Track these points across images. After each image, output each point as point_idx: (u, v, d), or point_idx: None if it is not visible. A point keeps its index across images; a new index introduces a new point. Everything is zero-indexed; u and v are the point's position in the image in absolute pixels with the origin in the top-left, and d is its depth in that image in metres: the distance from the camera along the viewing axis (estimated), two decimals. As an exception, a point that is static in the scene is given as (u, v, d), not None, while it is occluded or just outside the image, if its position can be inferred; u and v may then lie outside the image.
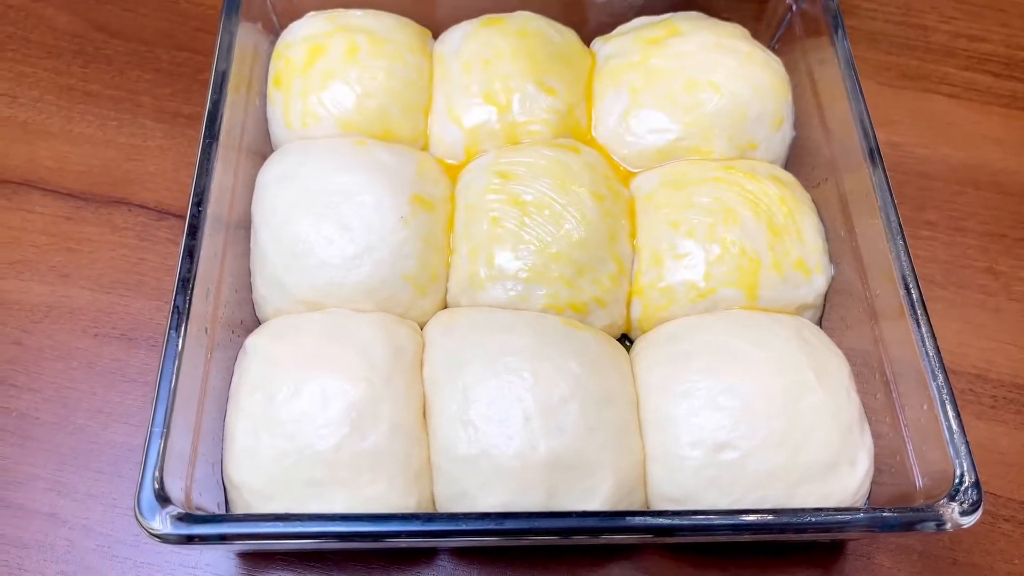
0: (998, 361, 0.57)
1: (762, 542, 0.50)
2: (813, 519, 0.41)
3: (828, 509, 0.42)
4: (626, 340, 0.53)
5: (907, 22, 0.73)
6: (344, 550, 0.49)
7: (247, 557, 0.49)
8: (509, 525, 0.40)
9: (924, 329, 0.45)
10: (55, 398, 0.53)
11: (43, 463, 0.51)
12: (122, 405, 0.53)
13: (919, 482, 0.44)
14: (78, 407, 0.53)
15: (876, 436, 0.47)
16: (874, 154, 0.51)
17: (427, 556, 0.49)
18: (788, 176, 0.55)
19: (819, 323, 0.53)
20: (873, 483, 0.47)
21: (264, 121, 0.57)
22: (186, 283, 0.45)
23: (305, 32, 0.57)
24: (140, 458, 0.47)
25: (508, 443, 0.43)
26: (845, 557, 0.51)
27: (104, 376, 0.54)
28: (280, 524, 0.39)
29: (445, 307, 0.52)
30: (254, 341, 0.48)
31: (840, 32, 0.56)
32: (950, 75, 0.70)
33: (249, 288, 0.51)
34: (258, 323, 0.51)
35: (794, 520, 0.41)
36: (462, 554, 0.49)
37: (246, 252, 0.52)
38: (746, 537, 0.46)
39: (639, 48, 0.57)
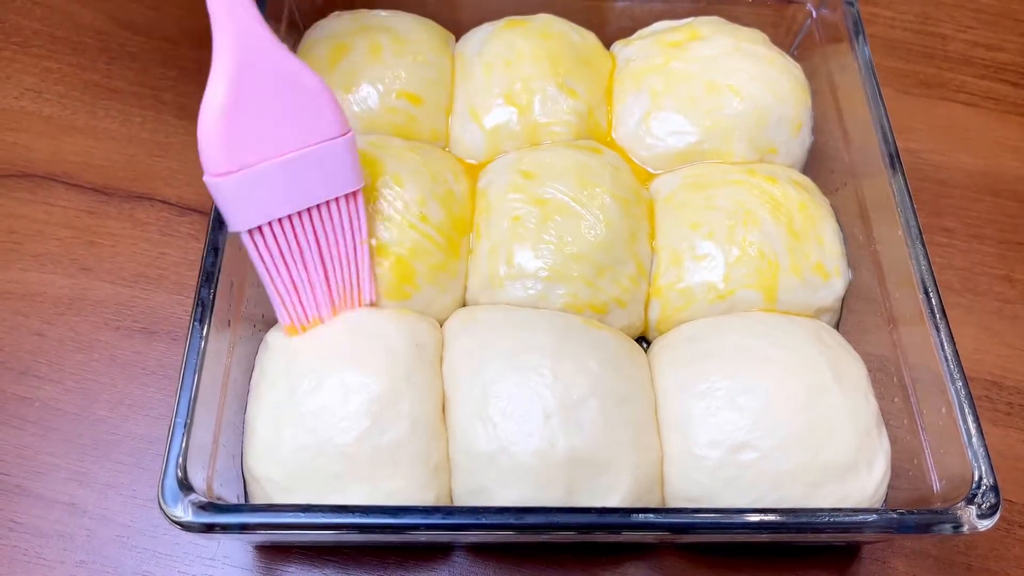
0: (1014, 368, 0.57)
1: (777, 545, 0.50)
2: (831, 519, 0.41)
3: (846, 509, 0.42)
4: (643, 342, 0.54)
5: (925, 31, 0.73)
6: (361, 544, 0.49)
7: (264, 550, 0.49)
8: (529, 520, 0.40)
9: (943, 333, 0.46)
10: (76, 389, 0.53)
11: (64, 453, 0.51)
12: (142, 397, 0.53)
13: (936, 485, 0.44)
14: (99, 398, 0.53)
15: (893, 440, 0.47)
16: (894, 159, 0.51)
17: (443, 552, 0.50)
18: (807, 180, 0.56)
19: (837, 327, 0.53)
20: (890, 487, 0.47)
21: (286, 119, 0.58)
22: (210, 276, 0.45)
23: (329, 31, 0.58)
24: (159, 450, 0.48)
25: (527, 440, 0.44)
26: (860, 561, 0.51)
27: (125, 368, 0.54)
28: (300, 514, 0.40)
29: (464, 305, 0.52)
30: (276, 335, 0.48)
31: (861, 38, 0.56)
32: (967, 83, 0.70)
33: (270, 283, 0.52)
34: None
35: (812, 520, 0.41)
36: (478, 551, 0.50)
37: (268, 247, 0.52)
38: (764, 537, 0.46)
39: (660, 51, 0.58)
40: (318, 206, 0.44)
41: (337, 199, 0.44)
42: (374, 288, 0.48)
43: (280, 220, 0.43)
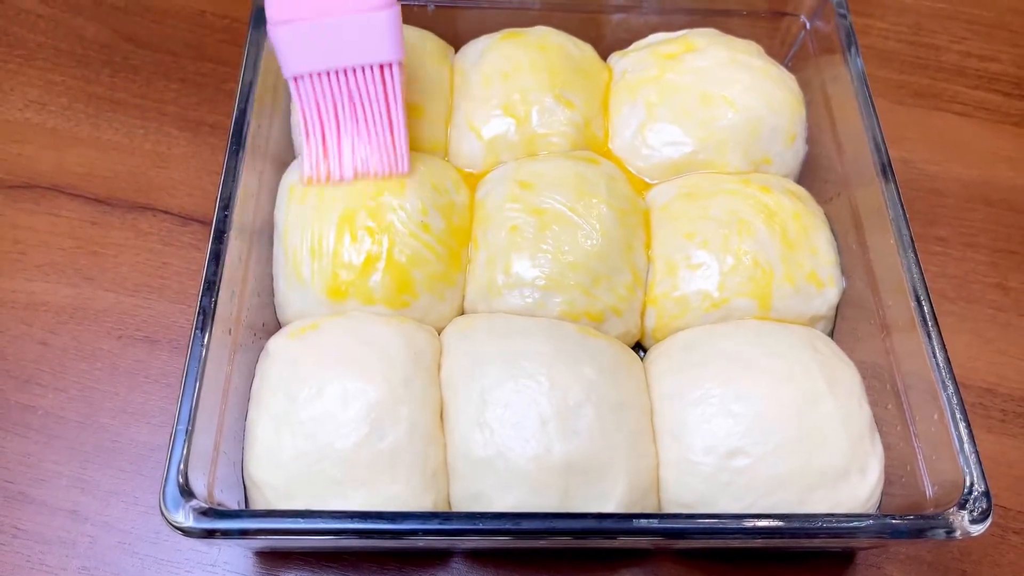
0: (1008, 375, 0.58)
1: (772, 551, 0.51)
2: (824, 524, 0.41)
3: (839, 515, 0.43)
4: (640, 350, 0.54)
5: (919, 42, 0.74)
6: (360, 550, 0.50)
7: (265, 556, 0.50)
8: (526, 525, 0.40)
9: (935, 340, 0.46)
10: (79, 397, 0.54)
11: (66, 460, 0.52)
12: (144, 405, 0.54)
13: (929, 491, 0.45)
14: (101, 406, 0.54)
15: (887, 447, 0.48)
16: (886, 169, 0.52)
17: (441, 558, 0.50)
18: (801, 190, 0.56)
19: (830, 335, 0.54)
20: (884, 494, 0.47)
21: (287, 130, 0.58)
22: (212, 285, 0.46)
23: (329, 44, 0.58)
24: (161, 457, 0.48)
25: (524, 446, 0.44)
26: (855, 567, 0.51)
27: (127, 377, 0.55)
28: (300, 520, 0.40)
29: (462, 313, 0.53)
30: (276, 343, 0.49)
31: (853, 50, 0.57)
32: (961, 94, 0.71)
33: (271, 292, 0.53)
34: (279, 326, 0.52)
35: (806, 525, 0.41)
36: (476, 557, 0.50)
37: (268, 257, 0.53)
38: (758, 542, 0.46)
39: (655, 63, 0.59)
40: (358, 69, 0.48)
41: (375, 67, 0.48)
42: (407, 160, 0.51)
43: (323, 74, 0.48)
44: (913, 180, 0.66)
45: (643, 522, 0.41)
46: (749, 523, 0.41)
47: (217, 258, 0.47)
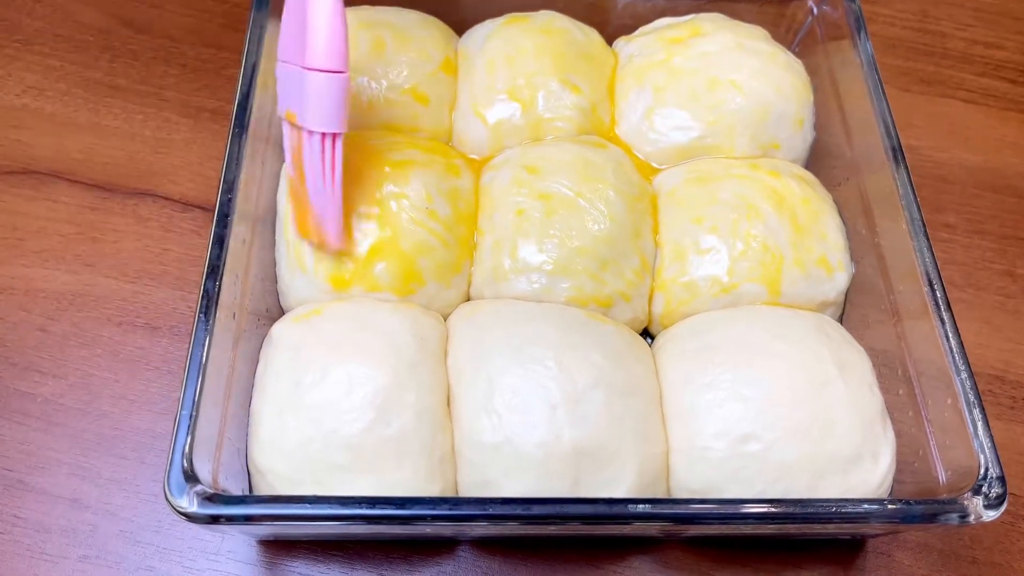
0: (1017, 362, 0.57)
1: (782, 538, 0.50)
2: (838, 509, 0.41)
3: (852, 500, 0.42)
4: (647, 337, 0.54)
5: (924, 29, 0.73)
6: (366, 538, 0.49)
7: (268, 544, 0.49)
8: (536, 510, 0.40)
9: (948, 325, 0.46)
10: (79, 385, 0.53)
11: (67, 448, 0.51)
12: (145, 393, 0.53)
13: (942, 477, 0.44)
14: (102, 394, 0.53)
15: (898, 434, 0.47)
16: (897, 153, 0.51)
17: (448, 547, 0.49)
18: (810, 175, 0.56)
19: (840, 321, 0.53)
20: (895, 481, 0.47)
21: (290, 115, 0.58)
22: (215, 269, 0.45)
23: (332, 28, 0.58)
24: (163, 445, 0.47)
25: (532, 432, 0.44)
26: (865, 554, 0.51)
27: (128, 364, 0.54)
28: (307, 505, 0.39)
29: (468, 299, 0.52)
30: (280, 328, 0.48)
31: (863, 34, 0.56)
32: (967, 81, 0.71)
33: (274, 278, 0.52)
34: (283, 312, 0.51)
35: (820, 510, 0.41)
36: (483, 545, 0.49)
37: (271, 243, 0.52)
38: (771, 528, 0.46)
39: (662, 48, 0.58)
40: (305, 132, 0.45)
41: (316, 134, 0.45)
42: (340, 236, 0.48)
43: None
44: (919, 167, 0.66)
45: (656, 507, 0.40)
46: (763, 508, 0.41)
47: (221, 242, 0.46)
